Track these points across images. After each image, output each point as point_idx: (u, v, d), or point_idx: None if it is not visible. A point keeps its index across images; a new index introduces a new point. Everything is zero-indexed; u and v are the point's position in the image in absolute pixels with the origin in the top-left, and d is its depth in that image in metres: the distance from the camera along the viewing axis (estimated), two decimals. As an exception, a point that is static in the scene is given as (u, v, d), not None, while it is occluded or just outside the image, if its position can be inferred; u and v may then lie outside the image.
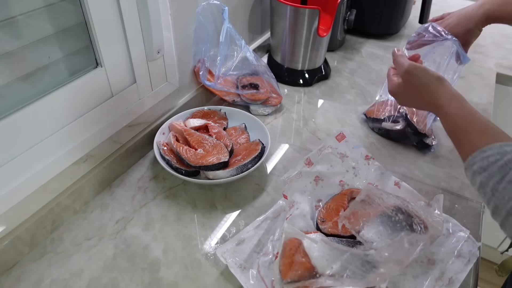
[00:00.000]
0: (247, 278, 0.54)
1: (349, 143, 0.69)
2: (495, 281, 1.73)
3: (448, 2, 1.63)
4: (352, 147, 0.69)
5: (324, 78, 1.06)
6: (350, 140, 0.69)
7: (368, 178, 0.68)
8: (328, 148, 0.68)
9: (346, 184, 0.68)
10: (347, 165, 0.69)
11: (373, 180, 0.68)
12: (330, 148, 0.68)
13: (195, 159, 0.68)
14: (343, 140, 0.69)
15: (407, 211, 0.56)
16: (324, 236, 0.58)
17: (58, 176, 0.62)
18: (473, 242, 0.60)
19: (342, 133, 0.69)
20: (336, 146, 0.68)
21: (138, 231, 0.63)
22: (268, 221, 0.63)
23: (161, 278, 0.56)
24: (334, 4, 0.98)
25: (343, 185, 0.68)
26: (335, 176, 0.68)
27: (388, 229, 0.55)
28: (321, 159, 0.67)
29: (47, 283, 0.55)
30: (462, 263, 0.57)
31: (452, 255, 0.58)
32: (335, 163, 0.68)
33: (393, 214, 0.56)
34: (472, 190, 0.72)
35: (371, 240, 0.54)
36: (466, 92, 1.02)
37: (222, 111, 0.84)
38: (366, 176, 0.68)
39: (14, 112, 0.54)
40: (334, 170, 0.68)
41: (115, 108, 0.70)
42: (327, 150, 0.68)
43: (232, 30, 0.82)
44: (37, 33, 0.55)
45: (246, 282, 0.54)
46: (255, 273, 0.55)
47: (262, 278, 0.54)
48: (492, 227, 0.55)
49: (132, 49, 0.68)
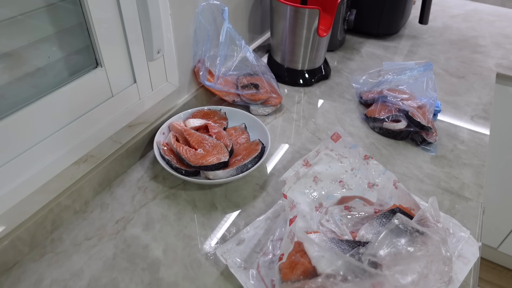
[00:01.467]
0: (247, 278, 0.54)
1: (346, 142, 0.69)
2: (495, 281, 1.74)
3: (448, 2, 1.63)
4: (349, 147, 0.69)
5: (324, 78, 1.06)
6: (346, 139, 0.68)
7: (368, 178, 0.68)
8: (325, 149, 0.68)
9: (346, 184, 0.68)
10: (346, 165, 0.69)
11: (373, 180, 0.68)
12: (327, 149, 0.68)
13: (195, 159, 0.68)
14: (339, 140, 0.69)
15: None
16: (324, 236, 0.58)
17: (58, 176, 0.62)
18: (473, 242, 0.60)
19: (337, 133, 0.69)
20: (333, 147, 0.68)
21: (138, 231, 0.63)
22: (268, 221, 0.63)
23: (161, 278, 0.56)
24: (334, 4, 0.98)
25: (343, 185, 0.68)
26: (335, 177, 0.68)
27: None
28: (319, 160, 0.67)
29: (47, 283, 0.55)
30: (463, 263, 0.57)
31: (452, 256, 0.58)
32: (334, 164, 0.68)
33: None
34: (472, 190, 0.72)
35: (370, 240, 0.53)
36: (466, 92, 1.02)
37: (222, 111, 0.84)
38: (366, 176, 0.68)
39: (14, 112, 0.54)
40: (333, 170, 0.68)
41: (115, 108, 0.70)
42: (325, 152, 0.68)
43: (232, 30, 0.82)
44: (37, 33, 0.55)
45: (246, 282, 0.54)
46: (255, 273, 0.55)
47: (262, 278, 0.54)
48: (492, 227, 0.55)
49: (132, 49, 0.69)
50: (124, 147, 0.72)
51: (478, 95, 1.01)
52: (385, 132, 0.85)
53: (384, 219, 0.58)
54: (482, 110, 0.95)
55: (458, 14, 1.52)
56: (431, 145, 0.82)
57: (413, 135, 0.83)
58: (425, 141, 0.81)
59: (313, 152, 0.68)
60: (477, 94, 1.01)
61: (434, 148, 0.82)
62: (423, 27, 1.39)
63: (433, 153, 0.81)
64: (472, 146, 0.83)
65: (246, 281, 0.54)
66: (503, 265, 1.78)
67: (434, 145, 0.82)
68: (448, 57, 1.19)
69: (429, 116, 0.81)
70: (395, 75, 0.90)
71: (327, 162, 0.68)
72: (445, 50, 1.24)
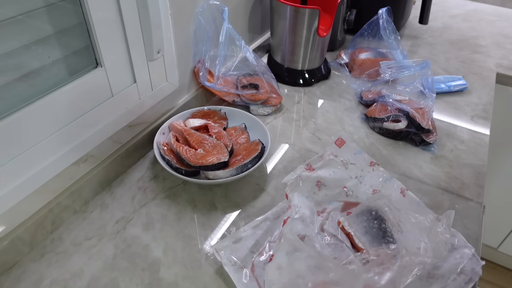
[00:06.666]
0: (240, 277, 0.54)
1: (350, 148, 0.67)
2: (495, 281, 1.74)
3: (448, 2, 1.63)
4: (354, 153, 0.67)
5: (324, 78, 1.06)
6: (350, 145, 0.67)
7: (373, 185, 0.66)
8: (330, 155, 0.66)
9: (350, 191, 0.66)
10: (351, 172, 0.67)
11: (378, 187, 0.66)
12: (332, 155, 0.66)
13: (195, 159, 0.68)
14: (344, 146, 0.67)
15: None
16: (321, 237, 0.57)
17: (58, 176, 0.62)
18: (477, 260, 0.57)
19: (341, 138, 0.67)
20: (337, 153, 0.66)
21: (138, 231, 0.63)
22: (267, 222, 0.63)
23: (161, 278, 0.56)
24: (334, 4, 0.98)
25: (347, 191, 0.66)
26: (339, 182, 0.66)
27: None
28: (323, 164, 0.65)
29: (47, 283, 0.55)
30: (464, 281, 0.54)
31: (454, 272, 0.55)
32: (338, 169, 0.66)
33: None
34: (472, 190, 0.72)
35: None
36: (466, 91, 1.02)
37: (222, 111, 0.84)
38: (371, 183, 0.66)
39: (14, 112, 0.54)
40: (337, 176, 0.66)
41: (115, 108, 0.70)
42: (329, 157, 0.66)
43: (232, 30, 0.82)
44: (37, 33, 0.55)
45: (238, 281, 0.54)
46: (249, 272, 0.55)
47: (256, 278, 0.53)
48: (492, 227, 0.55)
49: (132, 49, 0.68)
50: (124, 147, 0.72)
51: (478, 95, 1.01)
52: (385, 132, 0.85)
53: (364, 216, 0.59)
54: (482, 110, 0.95)
55: (458, 14, 1.52)
56: (431, 145, 0.82)
57: (413, 135, 0.83)
58: (424, 142, 0.81)
59: (316, 157, 0.67)
60: (477, 94, 1.01)
61: (434, 148, 0.82)
62: (423, 27, 1.39)
63: (433, 153, 0.81)
64: (472, 146, 0.83)
65: (239, 279, 0.54)
66: (503, 265, 1.78)
67: (434, 145, 0.82)
68: (448, 57, 1.19)
69: (428, 116, 0.81)
70: (393, 74, 0.90)
71: (331, 167, 0.66)
72: (445, 50, 1.24)
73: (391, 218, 0.59)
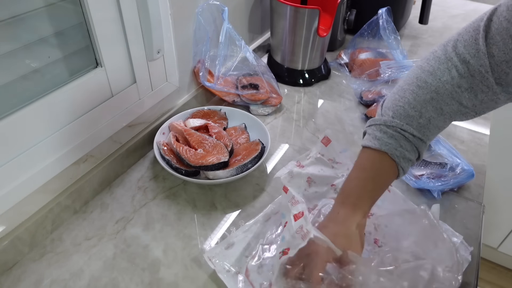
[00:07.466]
0: (234, 283, 0.54)
1: (336, 147, 0.68)
2: (495, 281, 1.74)
3: (448, 2, 1.63)
4: (340, 152, 0.68)
5: (324, 78, 1.06)
6: (336, 143, 0.68)
7: None
8: (316, 154, 0.67)
9: (339, 188, 0.65)
10: (337, 170, 0.68)
11: None
12: (318, 154, 0.67)
13: (195, 159, 0.68)
14: (329, 144, 0.68)
15: None
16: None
17: (58, 176, 0.62)
18: (466, 247, 0.59)
19: (327, 137, 0.68)
20: (324, 152, 0.67)
21: (138, 231, 0.63)
22: (258, 225, 0.62)
23: (161, 278, 0.56)
24: (334, 4, 0.98)
25: (335, 189, 0.67)
26: (327, 180, 0.68)
27: None
28: (311, 162, 0.67)
29: (47, 283, 0.55)
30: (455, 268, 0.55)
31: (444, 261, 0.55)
32: (325, 167, 0.68)
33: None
34: (472, 190, 0.72)
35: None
36: (466, 92, 1.02)
37: (222, 111, 0.84)
38: None
39: (14, 112, 0.54)
40: (325, 173, 0.68)
41: (115, 108, 0.70)
42: (316, 156, 0.67)
43: (232, 30, 0.82)
44: (37, 33, 0.55)
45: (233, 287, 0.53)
46: (243, 277, 0.54)
47: (251, 283, 0.53)
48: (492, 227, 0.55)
49: (132, 49, 0.68)
50: (124, 147, 0.72)
51: (478, 95, 1.01)
52: (385, 132, 0.84)
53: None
54: (482, 110, 0.95)
55: (458, 14, 1.52)
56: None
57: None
58: None
59: (304, 156, 0.68)
60: (477, 94, 1.01)
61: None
62: (423, 27, 1.39)
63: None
64: (472, 146, 0.83)
65: (233, 286, 0.53)
66: (503, 265, 1.78)
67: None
68: (448, 57, 1.19)
69: None
70: (393, 74, 0.90)
71: (319, 165, 0.67)
72: (445, 50, 1.24)
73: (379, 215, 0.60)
